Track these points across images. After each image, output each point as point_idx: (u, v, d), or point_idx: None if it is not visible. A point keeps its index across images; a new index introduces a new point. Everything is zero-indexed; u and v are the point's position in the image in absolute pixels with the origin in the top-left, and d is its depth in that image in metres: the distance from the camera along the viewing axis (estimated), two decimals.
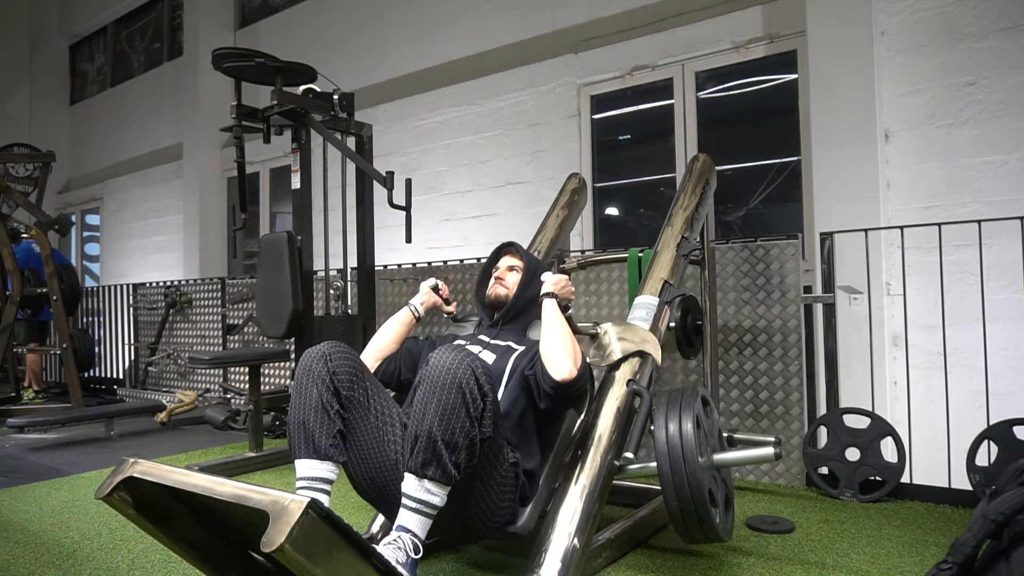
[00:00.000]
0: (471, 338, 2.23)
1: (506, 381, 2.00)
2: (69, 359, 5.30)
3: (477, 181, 5.32)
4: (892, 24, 3.51)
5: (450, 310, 2.41)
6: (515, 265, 2.30)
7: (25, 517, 2.65)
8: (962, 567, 1.28)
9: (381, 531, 2.10)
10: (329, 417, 1.74)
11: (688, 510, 1.84)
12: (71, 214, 9.67)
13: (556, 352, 1.92)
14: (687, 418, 1.88)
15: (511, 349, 2.11)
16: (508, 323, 2.25)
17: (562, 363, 1.89)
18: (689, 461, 1.82)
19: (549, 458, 2.04)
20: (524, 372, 2.00)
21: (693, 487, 1.82)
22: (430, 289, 2.37)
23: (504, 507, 1.85)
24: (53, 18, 10.17)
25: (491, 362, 2.05)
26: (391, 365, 2.19)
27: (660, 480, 1.86)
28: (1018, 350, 3.06)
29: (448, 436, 1.61)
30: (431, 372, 1.66)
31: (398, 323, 2.26)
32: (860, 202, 3.41)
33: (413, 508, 1.63)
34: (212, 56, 3.60)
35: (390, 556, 1.52)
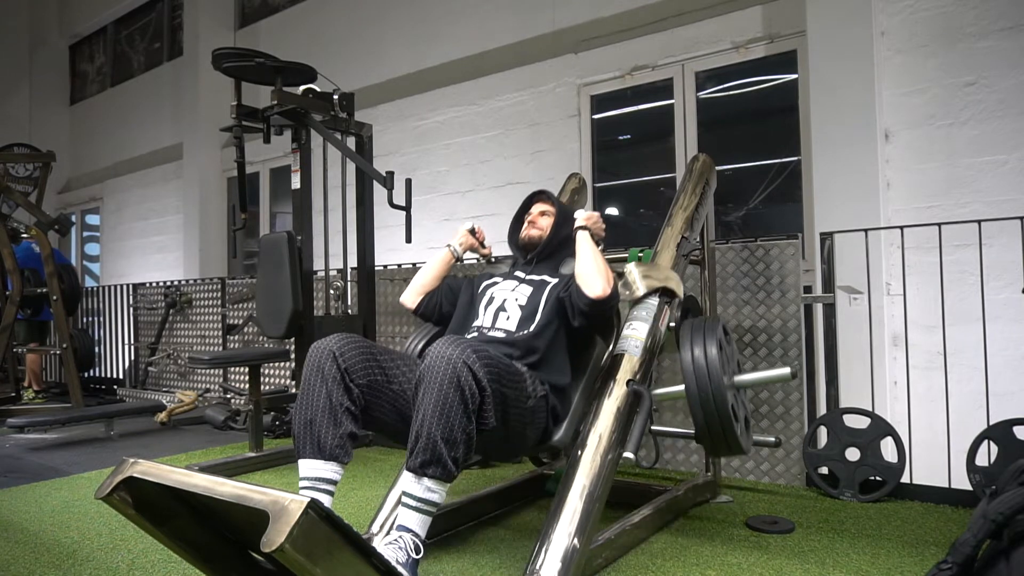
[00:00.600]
0: (507, 275, 2.37)
1: (543, 307, 2.18)
2: (69, 359, 5.30)
3: (477, 181, 5.32)
4: (892, 24, 3.51)
5: (486, 252, 2.61)
6: (547, 210, 2.45)
7: (25, 517, 2.65)
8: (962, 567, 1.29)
9: (381, 531, 2.10)
10: (336, 418, 1.75)
11: (714, 423, 2.03)
12: (71, 214, 9.67)
13: (591, 273, 2.09)
14: (711, 342, 2.07)
15: (546, 282, 2.27)
16: (542, 261, 2.40)
17: (596, 282, 2.07)
18: (714, 378, 2.02)
19: (582, 380, 2.20)
20: (559, 296, 2.17)
21: (718, 401, 2.01)
22: (467, 231, 2.54)
23: (537, 430, 2.00)
24: (53, 18, 10.16)
25: (528, 293, 2.24)
26: (432, 299, 2.39)
27: (687, 396, 2.05)
28: (1018, 350, 3.06)
29: (447, 433, 1.62)
30: (429, 368, 1.67)
31: (439, 262, 2.44)
32: (860, 202, 3.41)
33: (414, 507, 1.63)
34: (212, 56, 3.60)
35: (391, 556, 1.52)
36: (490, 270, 2.58)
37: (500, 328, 2.17)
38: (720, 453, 2.15)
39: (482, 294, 2.32)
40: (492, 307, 2.25)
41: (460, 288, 2.40)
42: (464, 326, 2.27)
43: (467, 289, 2.38)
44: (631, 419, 2.04)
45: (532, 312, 2.17)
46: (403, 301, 2.43)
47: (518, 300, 2.23)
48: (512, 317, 2.19)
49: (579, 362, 2.21)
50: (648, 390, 2.08)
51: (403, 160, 5.65)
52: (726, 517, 2.51)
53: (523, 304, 2.21)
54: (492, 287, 2.32)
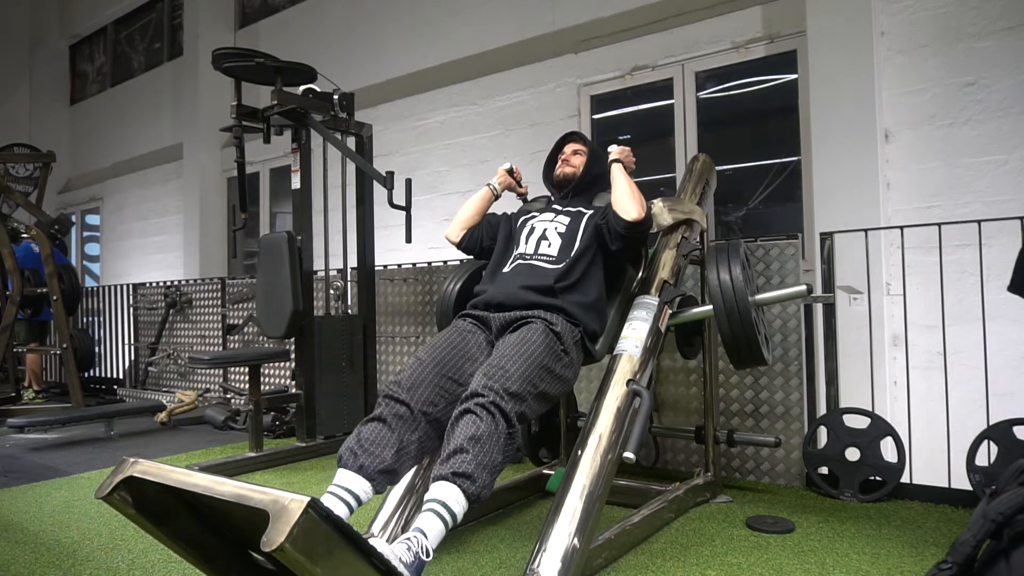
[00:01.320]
0: (544, 208, 2.53)
1: (581, 234, 2.34)
2: (69, 359, 5.30)
3: (477, 181, 5.30)
4: (892, 24, 3.51)
5: (523, 191, 2.76)
6: (579, 149, 2.60)
7: (25, 517, 2.65)
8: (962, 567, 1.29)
9: (381, 531, 2.10)
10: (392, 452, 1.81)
11: (739, 334, 2.26)
12: (71, 214, 9.67)
13: (626, 199, 2.27)
14: (735, 263, 2.28)
15: (582, 213, 2.42)
16: (577, 195, 2.55)
17: (631, 206, 2.25)
18: (739, 292, 2.24)
19: (616, 300, 2.42)
20: (596, 223, 2.34)
21: (743, 314, 2.23)
22: (505, 171, 2.70)
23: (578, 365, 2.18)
24: (53, 18, 10.16)
25: (566, 223, 2.39)
26: (475, 234, 2.58)
27: (714, 311, 2.29)
28: (1018, 350, 3.06)
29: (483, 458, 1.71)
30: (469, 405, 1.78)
31: (479, 199, 2.63)
32: (860, 202, 3.41)
33: (437, 512, 1.62)
34: (212, 56, 3.60)
35: (398, 552, 1.50)
36: (527, 207, 2.67)
37: (542, 255, 2.33)
38: (745, 364, 2.36)
39: (522, 226, 2.47)
40: (534, 236, 2.40)
41: (499, 224, 2.57)
42: (505, 256, 2.43)
43: (506, 224, 2.55)
44: (631, 419, 2.04)
45: (572, 239, 2.33)
46: (447, 235, 2.61)
47: (558, 229, 2.38)
48: (553, 244, 2.34)
49: (614, 284, 2.41)
50: (648, 390, 2.09)
51: (403, 160, 5.65)
52: (726, 517, 2.51)
53: (562, 232, 2.37)
54: (531, 219, 2.48)
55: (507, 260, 2.40)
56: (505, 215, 2.63)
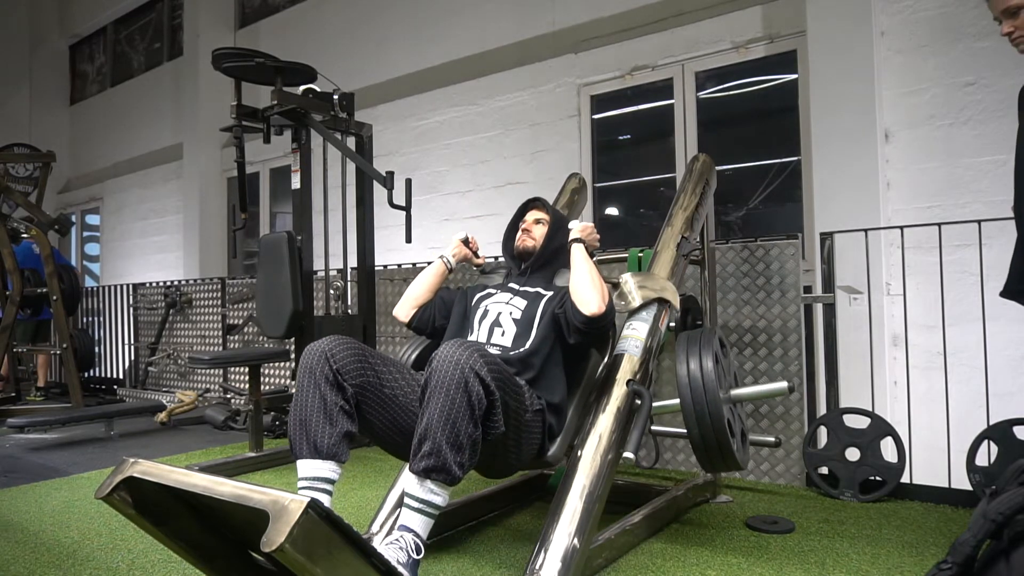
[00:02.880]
0: (501, 286, 2.35)
1: (538, 322, 2.14)
2: (69, 359, 5.30)
3: (477, 181, 5.32)
4: (892, 24, 3.51)
5: (479, 262, 2.56)
6: (541, 218, 2.40)
7: (25, 517, 2.65)
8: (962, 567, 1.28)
9: (381, 531, 2.10)
10: (332, 418, 1.74)
11: (709, 438, 1.98)
12: (71, 214, 9.67)
13: (585, 289, 2.06)
14: (707, 355, 2.03)
15: (540, 294, 2.24)
16: (536, 271, 2.36)
17: (591, 299, 2.04)
18: (710, 392, 1.98)
19: (576, 394, 2.18)
20: (554, 311, 2.14)
21: (714, 416, 1.96)
22: (460, 241, 2.49)
23: (532, 446, 1.97)
24: (53, 18, 10.16)
25: (522, 307, 2.20)
26: (426, 313, 2.35)
27: (683, 411, 2.01)
28: (1018, 350, 3.05)
29: (452, 438, 1.61)
30: (436, 371, 1.66)
31: (432, 274, 2.40)
32: (860, 202, 3.41)
33: (416, 508, 1.63)
34: (212, 56, 3.60)
35: (391, 556, 1.52)
36: (483, 280, 2.55)
37: (495, 344, 2.14)
38: (716, 469, 2.10)
39: (476, 307, 2.29)
40: (487, 321, 2.22)
41: (453, 301, 2.36)
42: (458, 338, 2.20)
43: (460, 301, 2.34)
44: (631, 419, 2.04)
45: (527, 327, 2.14)
46: (396, 314, 2.39)
47: (512, 314, 2.20)
48: (507, 332, 2.16)
49: (574, 377, 2.19)
50: (648, 390, 2.08)
51: (403, 160, 5.65)
52: (726, 517, 2.51)
53: (518, 318, 2.18)
54: (486, 299, 2.29)
55: None
56: (461, 291, 2.42)
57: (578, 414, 2.15)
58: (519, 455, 1.94)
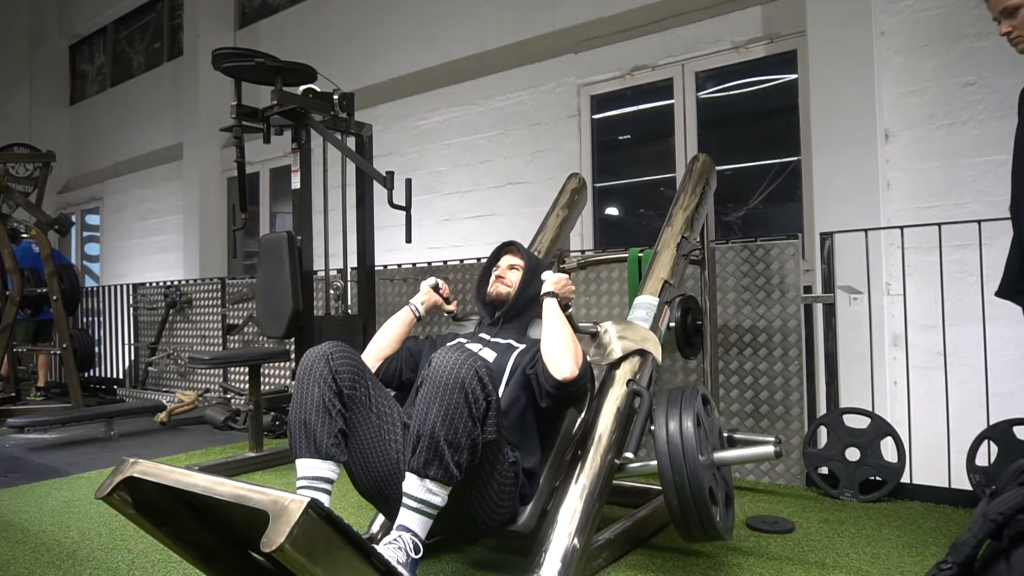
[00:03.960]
0: (472, 336, 2.23)
1: (507, 379, 2.00)
2: (69, 359, 5.30)
3: (477, 181, 5.31)
4: (892, 24, 3.51)
5: (450, 309, 2.40)
6: (516, 264, 2.29)
7: (25, 517, 2.65)
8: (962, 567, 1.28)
9: (381, 531, 2.10)
10: (331, 416, 1.74)
11: (688, 508, 1.83)
12: (71, 214, 9.67)
13: (557, 351, 1.91)
14: (687, 416, 1.88)
15: (512, 347, 2.11)
16: (509, 321, 2.25)
17: (563, 362, 1.89)
18: (690, 459, 1.82)
19: (549, 457, 2.04)
20: (525, 371, 1.99)
21: (694, 485, 1.82)
22: (430, 288, 2.36)
23: (504, 506, 1.85)
24: (53, 18, 10.16)
25: (492, 360, 2.04)
26: (392, 365, 2.19)
27: (660, 479, 1.86)
28: (1018, 350, 3.05)
29: (451, 436, 1.61)
30: (434, 372, 1.66)
31: (399, 322, 2.26)
32: (860, 202, 3.41)
33: (414, 508, 1.63)
34: (212, 56, 3.60)
35: (390, 556, 1.52)
36: (454, 328, 2.47)
37: None
38: (696, 539, 1.92)
39: None
40: None
41: (421, 352, 2.22)
42: None
43: (428, 352, 2.19)
44: (631, 419, 2.04)
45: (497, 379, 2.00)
46: None
47: None
48: None
49: (547, 438, 2.05)
50: (648, 390, 2.08)
51: (403, 160, 5.65)
52: None
53: None
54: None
55: None
56: (430, 340, 2.29)
57: (550, 479, 2.02)
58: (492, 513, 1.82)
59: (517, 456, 1.89)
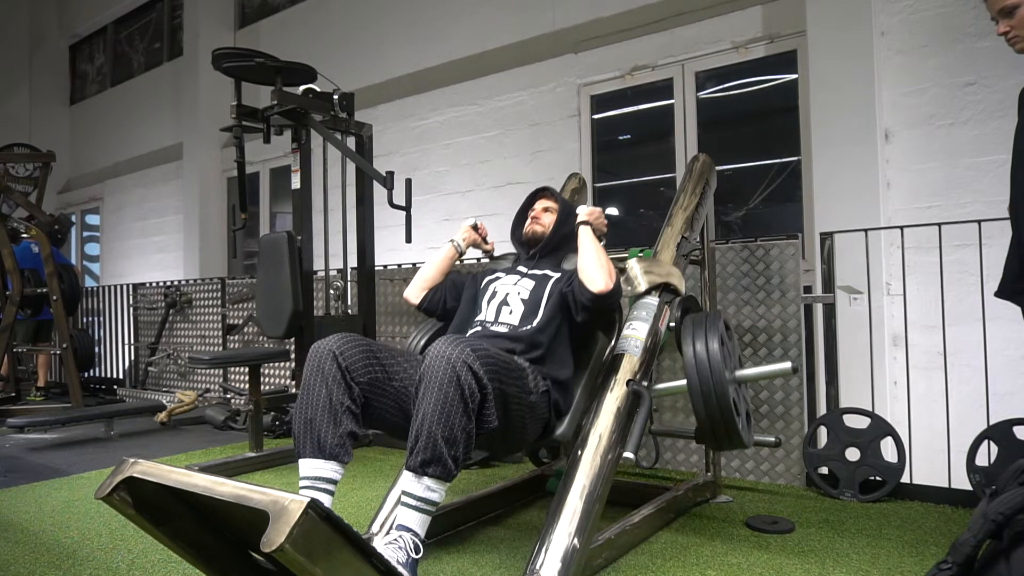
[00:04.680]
0: (510, 269, 2.39)
1: (545, 302, 2.18)
2: (69, 359, 5.30)
3: (477, 181, 5.32)
4: (892, 24, 3.51)
5: (488, 248, 2.59)
6: (549, 206, 2.45)
7: (25, 517, 2.65)
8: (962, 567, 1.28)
9: (381, 531, 2.10)
10: (336, 418, 1.75)
11: (715, 417, 2.03)
12: (71, 214, 9.67)
13: (593, 268, 2.10)
14: (713, 337, 2.07)
15: (548, 276, 2.27)
16: (544, 257, 2.40)
17: (599, 277, 2.08)
18: (716, 372, 2.02)
19: (584, 375, 2.21)
20: (562, 291, 2.18)
21: (720, 396, 2.01)
22: (470, 227, 2.53)
23: (539, 425, 2.02)
24: (53, 18, 10.17)
25: (530, 287, 2.24)
26: (436, 295, 2.40)
27: (690, 391, 2.06)
28: (1018, 350, 3.05)
29: (447, 433, 1.63)
30: (429, 367, 1.67)
31: (442, 257, 2.44)
32: (860, 202, 3.41)
33: (413, 506, 1.63)
34: (212, 56, 3.60)
35: (390, 556, 1.52)
36: (492, 265, 2.58)
37: (503, 322, 2.18)
38: (722, 447, 2.15)
39: (485, 289, 2.33)
40: (495, 301, 2.25)
41: (463, 284, 2.41)
42: (467, 321, 2.28)
43: (471, 284, 2.39)
44: (631, 419, 2.04)
45: (535, 306, 2.18)
46: (406, 296, 2.43)
47: (520, 294, 2.23)
48: (515, 311, 2.20)
49: (581, 357, 2.21)
50: (648, 390, 2.08)
51: (403, 160, 5.65)
52: (726, 517, 2.51)
53: (525, 298, 2.21)
54: (495, 282, 2.33)
55: (468, 327, 2.25)
56: (471, 275, 2.46)
57: (586, 394, 2.18)
58: (524, 436, 1.99)
59: (548, 384, 2.03)
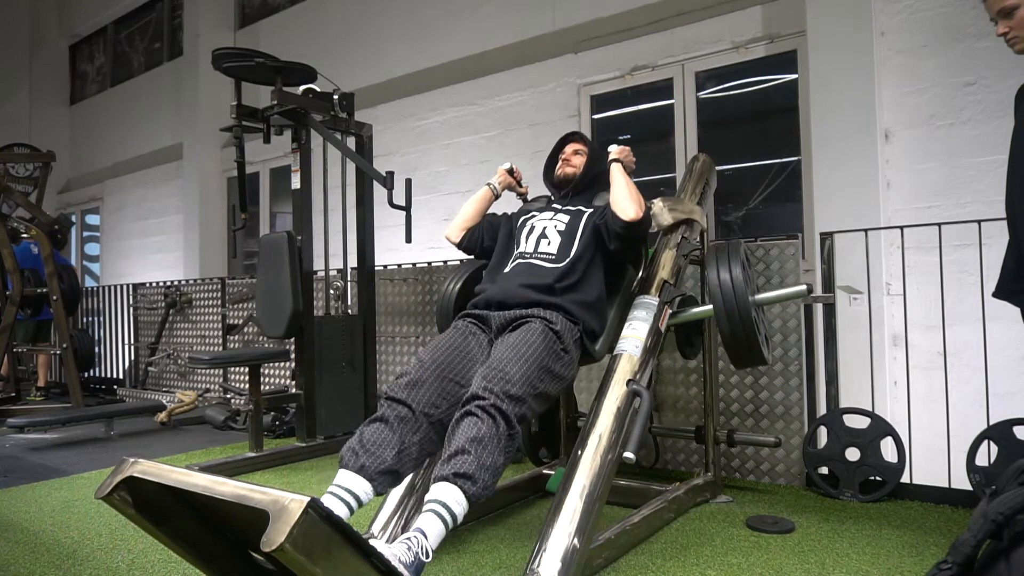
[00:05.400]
0: (545, 207, 2.55)
1: (580, 233, 2.35)
2: (69, 359, 5.30)
3: (477, 181, 5.29)
4: (892, 24, 3.51)
5: (523, 191, 2.76)
6: (580, 149, 2.61)
7: (25, 517, 2.65)
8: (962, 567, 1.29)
9: (381, 531, 2.10)
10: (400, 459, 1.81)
11: (738, 334, 2.26)
12: (71, 214, 9.67)
13: (624, 199, 2.29)
14: (735, 262, 2.29)
15: (582, 211, 2.44)
16: (576, 195, 2.56)
17: (629, 206, 2.26)
18: (739, 292, 2.24)
19: (616, 299, 2.42)
20: (595, 223, 2.36)
21: (743, 314, 2.23)
22: (505, 171, 2.71)
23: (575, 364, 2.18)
24: (53, 18, 10.16)
25: (566, 220, 2.41)
26: (475, 234, 2.58)
27: (715, 311, 2.29)
28: (1018, 350, 3.05)
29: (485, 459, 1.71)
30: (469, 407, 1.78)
31: (479, 199, 2.63)
32: (860, 202, 3.41)
33: (437, 513, 1.62)
34: (212, 56, 3.60)
35: (397, 551, 1.50)
36: (527, 207, 2.68)
37: (542, 253, 2.34)
38: (744, 363, 2.36)
39: (522, 226, 2.48)
40: (534, 235, 2.41)
41: (499, 224, 2.59)
42: (506, 255, 2.45)
43: (506, 224, 2.57)
44: (631, 419, 2.04)
45: (571, 237, 2.34)
46: (447, 235, 2.61)
47: (557, 227, 2.39)
48: (553, 242, 2.35)
49: (614, 283, 2.42)
50: (648, 390, 2.09)
51: (403, 160, 5.65)
52: (726, 517, 2.51)
53: (562, 230, 2.37)
54: (531, 218, 2.48)
55: (507, 260, 2.42)
56: (505, 215, 2.64)
57: (618, 317, 2.38)
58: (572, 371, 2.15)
59: (580, 329, 2.18)
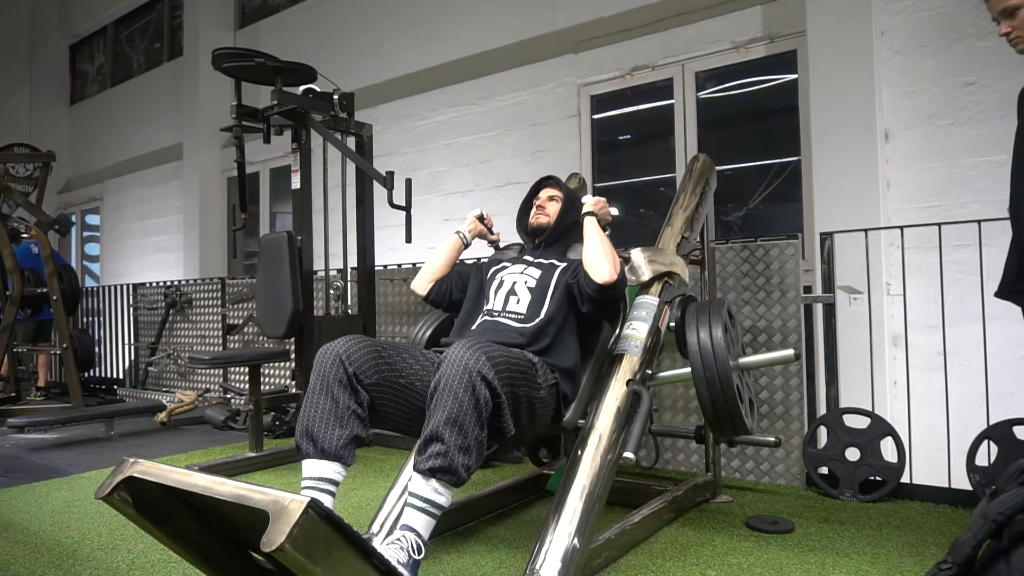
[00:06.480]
0: (516, 259, 2.41)
1: (552, 291, 2.21)
2: (69, 359, 5.30)
3: (477, 181, 5.32)
4: (892, 24, 3.51)
5: (494, 238, 2.62)
6: (555, 195, 2.47)
7: (25, 517, 2.65)
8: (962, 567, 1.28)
9: (381, 531, 2.10)
10: (342, 421, 1.75)
11: (719, 403, 2.06)
12: (71, 214, 9.67)
13: (598, 259, 2.12)
14: (716, 324, 2.11)
15: (555, 265, 2.30)
16: (550, 246, 2.43)
17: (603, 268, 2.10)
18: (719, 358, 2.05)
19: (590, 363, 2.24)
20: (567, 282, 2.21)
21: (723, 381, 2.04)
22: (475, 218, 2.56)
23: (547, 416, 2.04)
24: (53, 18, 10.17)
25: (537, 276, 2.27)
26: (443, 286, 2.42)
27: (694, 377, 2.09)
28: (1018, 350, 3.05)
29: (460, 441, 1.64)
30: (445, 375, 1.68)
31: (448, 248, 2.47)
32: (860, 202, 3.41)
33: (420, 508, 1.63)
34: (212, 56, 3.60)
35: (392, 555, 1.52)
36: (498, 256, 2.60)
37: (510, 312, 2.20)
38: (726, 434, 2.18)
39: (492, 279, 2.34)
40: (503, 291, 2.27)
41: (469, 274, 2.43)
42: (474, 311, 2.30)
43: (476, 275, 2.41)
44: (631, 419, 2.04)
45: (542, 295, 2.21)
46: (414, 287, 2.46)
47: (527, 283, 2.26)
48: (522, 300, 2.22)
49: (587, 345, 2.25)
50: (648, 390, 2.08)
51: (403, 160, 5.65)
52: (726, 517, 2.51)
53: (532, 287, 2.24)
54: (501, 271, 2.35)
55: (477, 314, 2.27)
56: (476, 265, 2.50)
57: (592, 381, 2.22)
58: (535, 427, 2.02)
59: (556, 376, 2.05)
